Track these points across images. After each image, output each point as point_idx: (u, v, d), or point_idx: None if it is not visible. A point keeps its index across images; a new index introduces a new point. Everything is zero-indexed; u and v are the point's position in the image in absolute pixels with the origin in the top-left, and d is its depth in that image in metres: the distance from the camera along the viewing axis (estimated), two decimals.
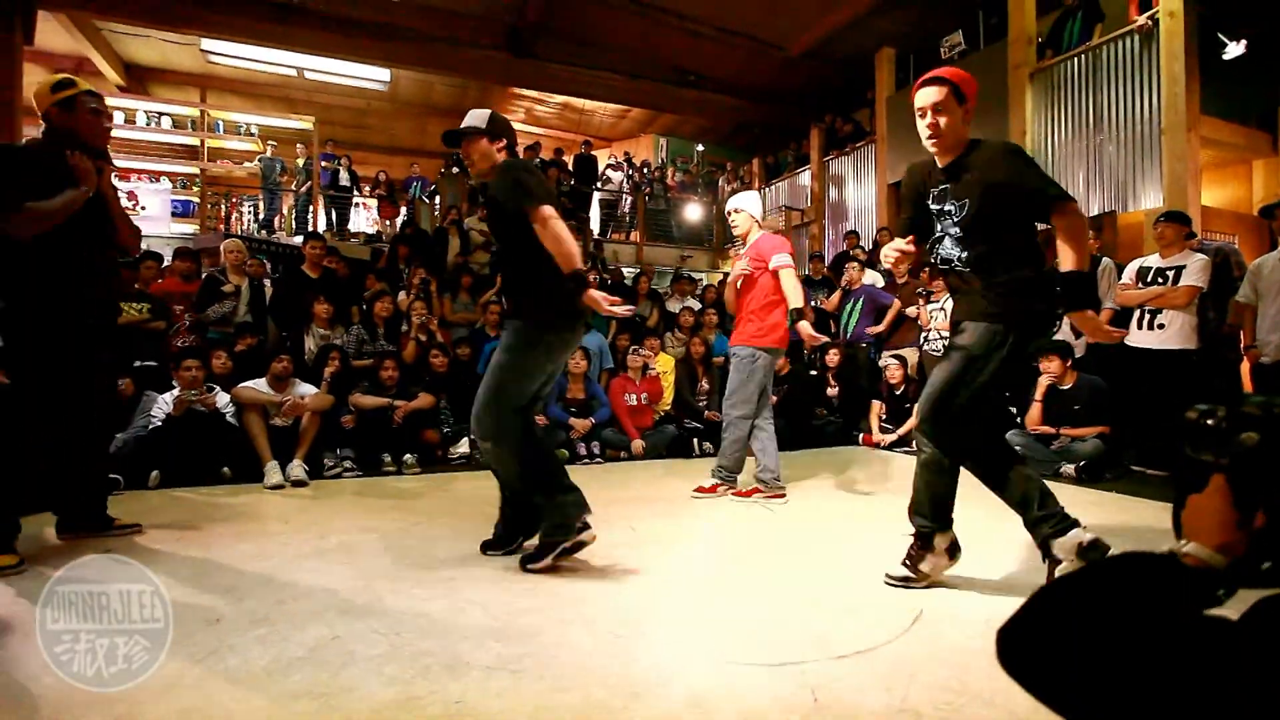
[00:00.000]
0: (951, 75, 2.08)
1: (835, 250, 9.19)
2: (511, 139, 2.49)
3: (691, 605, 2.03)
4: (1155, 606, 0.63)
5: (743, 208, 3.71)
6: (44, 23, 7.53)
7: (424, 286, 5.91)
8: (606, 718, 1.37)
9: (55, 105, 2.43)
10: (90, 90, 2.51)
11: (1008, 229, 2.03)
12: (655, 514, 3.20)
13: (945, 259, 2.14)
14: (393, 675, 1.54)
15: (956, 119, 2.05)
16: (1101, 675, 0.59)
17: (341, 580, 2.20)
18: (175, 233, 9.40)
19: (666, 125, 13.78)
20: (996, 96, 7.22)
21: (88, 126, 2.46)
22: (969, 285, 2.10)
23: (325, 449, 4.21)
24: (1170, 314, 4.12)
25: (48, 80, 2.50)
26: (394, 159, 13.40)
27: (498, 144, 2.43)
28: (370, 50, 8.81)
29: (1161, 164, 5.62)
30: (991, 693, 1.47)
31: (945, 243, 2.12)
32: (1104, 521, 3.01)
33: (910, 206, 2.27)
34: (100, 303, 2.63)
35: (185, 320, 4.83)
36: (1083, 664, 0.61)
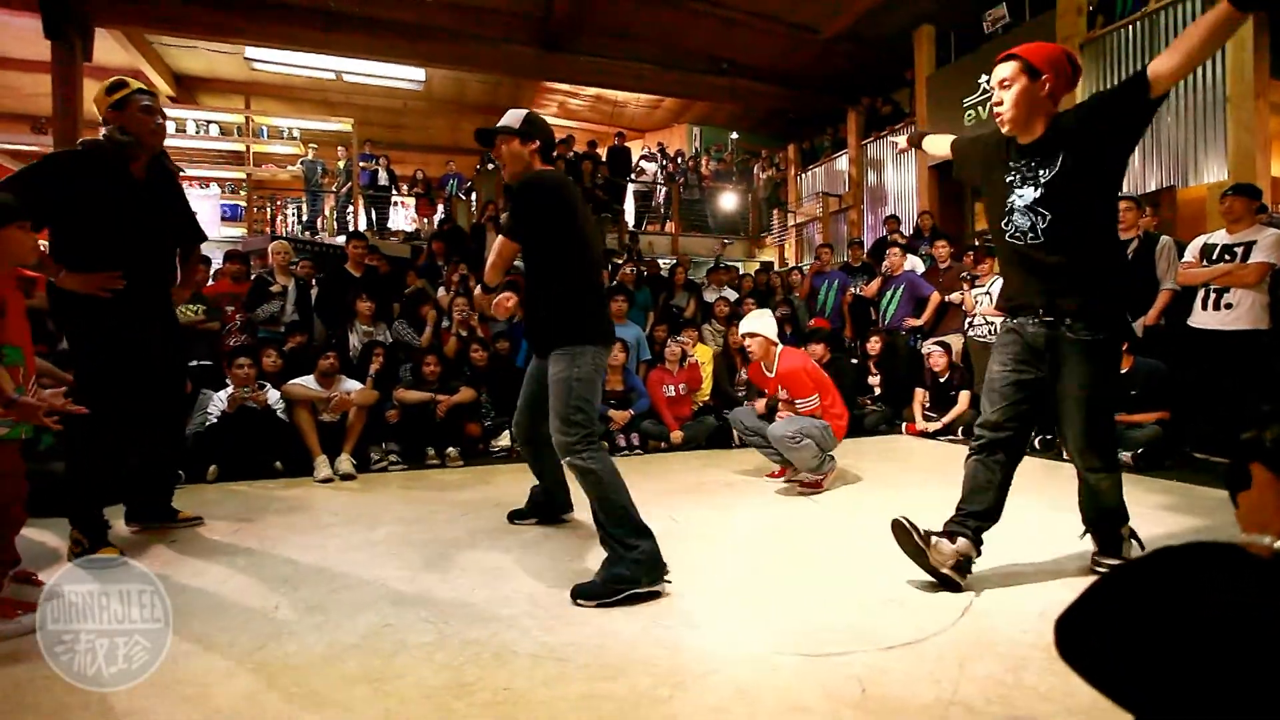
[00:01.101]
0: (1024, 50, 1.99)
1: (874, 236, 8.99)
2: (546, 140, 2.42)
3: (735, 596, 2.02)
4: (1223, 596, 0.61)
5: (758, 331, 3.62)
6: (100, 40, 7.88)
7: (463, 283, 6.00)
8: (653, 707, 1.38)
9: (111, 108, 2.47)
10: (143, 89, 2.52)
11: (1093, 194, 1.95)
12: (696, 505, 3.20)
13: (1017, 233, 2.04)
14: (443, 662, 1.58)
15: (1028, 93, 1.96)
16: (1166, 666, 0.57)
17: (391, 570, 2.26)
18: (224, 236, 9.76)
19: (700, 114, 13.66)
20: None
21: (139, 125, 2.48)
22: (1042, 259, 1.99)
23: (371, 443, 4.33)
24: (1239, 293, 3.90)
25: (103, 84, 2.54)
26: (430, 157, 13.62)
27: (530, 145, 2.36)
28: (405, 50, 8.95)
29: (1226, 134, 5.32)
30: (1047, 686, 1.42)
31: (1015, 216, 2.03)
32: (1164, 510, 2.89)
33: (968, 146, 2.27)
34: (163, 306, 2.69)
35: (236, 320, 5.02)
36: (1147, 654, 0.59)
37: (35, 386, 1.97)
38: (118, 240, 2.46)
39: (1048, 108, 1.99)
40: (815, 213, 11.29)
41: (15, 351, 1.88)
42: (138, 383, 2.51)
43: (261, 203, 11.27)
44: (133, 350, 2.50)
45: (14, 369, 1.86)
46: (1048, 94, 1.97)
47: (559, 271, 2.28)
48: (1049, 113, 2.00)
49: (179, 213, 2.76)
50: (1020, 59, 1.97)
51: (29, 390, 1.90)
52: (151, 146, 2.56)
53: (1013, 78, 1.97)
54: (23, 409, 1.77)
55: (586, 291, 2.31)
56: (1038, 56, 1.97)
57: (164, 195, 2.66)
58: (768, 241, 12.30)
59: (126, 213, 2.48)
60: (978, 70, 7.85)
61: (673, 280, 7.07)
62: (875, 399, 5.72)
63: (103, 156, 2.47)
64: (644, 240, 10.62)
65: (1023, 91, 1.96)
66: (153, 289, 2.60)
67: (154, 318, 2.60)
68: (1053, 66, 1.96)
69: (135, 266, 2.50)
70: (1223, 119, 5.37)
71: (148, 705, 1.39)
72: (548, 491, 2.87)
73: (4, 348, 1.84)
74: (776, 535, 2.72)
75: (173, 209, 2.72)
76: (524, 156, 2.38)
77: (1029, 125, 2.00)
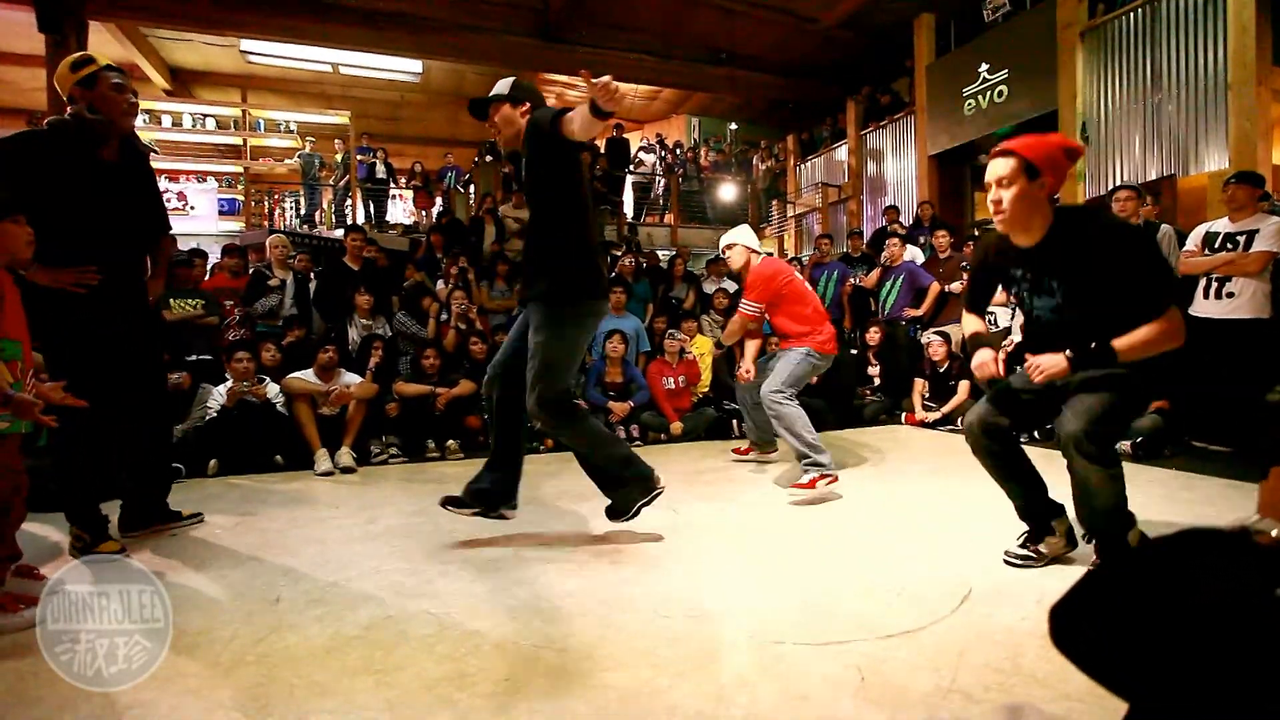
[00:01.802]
0: (1022, 147, 1.88)
1: (874, 226, 8.97)
2: (536, 102, 2.42)
3: (735, 586, 2.03)
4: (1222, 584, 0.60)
5: (735, 240, 3.63)
6: (95, 34, 7.84)
7: (462, 275, 5.99)
8: (654, 697, 1.39)
9: (77, 84, 2.31)
10: (111, 65, 2.37)
11: (1112, 302, 1.86)
12: (696, 496, 3.20)
13: (1033, 328, 2.03)
14: (444, 654, 1.59)
15: (1028, 194, 1.87)
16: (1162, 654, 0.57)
17: (392, 562, 2.27)
18: (222, 230, 9.75)
19: (699, 105, 13.60)
20: (1045, 60, 6.90)
21: (110, 104, 2.32)
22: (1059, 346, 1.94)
23: (371, 436, 4.34)
24: (1240, 281, 3.89)
25: (67, 60, 2.36)
26: (428, 150, 13.58)
27: (520, 108, 2.39)
28: (402, 42, 8.91)
29: (1227, 122, 5.30)
30: (1044, 673, 1.43)
31: (1033, 314, 2.04)
32: (1163, 499, 2.90)
33: (980, 278, 2.21)
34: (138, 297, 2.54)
35: (235, 314, 5.01)
36: (1141, 641, 0.58)
37: (34, 380, 1.95)
38: (88, 228, 2.32)
39: (1046, 207, 1.91)
40: (814, 203, 11.27)
41: (13, 346, 1.87)
42: (116, 377, 2.39)
43: (259, 196, 11.23)
44: (107, 344, 2.37)
45: (12, 363, 1.84)
46: (1047, 194, 1.89)
47: (563, 221, 2.32)
48: (1046, 215, 1.91)
49: (149, 197, 2.59)
50: (1019, 156, 1.86)
51: (27, 384, 1.88)
52: (123, 128, 2.40)
53: (1011, 177, 1.87)
54: (19, 406, 1.76)
55: (586, 247, 2.35)
56: (1037, 153, 1.86)
57: (136, 179, 2.50)
58: (767, 233, 12.27)
59: (98, 198, 2.33)
60: (978, 59, 7.80)
61: (672, 272, 7.06)
62: (875, 389, 5.72)
63: (70, 136, 2.30)
64: (643, 232, 10.60)
65: (1021, 192, 1.87)
66: (126, 279, 2.46)
67: (129, 310, 2.46)
68: (1052, 164, 1.87)
69: (107, 256, 2.34)
70: (1224, 106, 5.34)
71: (151, 698, 1.40)
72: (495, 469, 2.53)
73: (1, 341, 1.83)
74: (776, 525, 2.73)
75: (144, 193, 2.55)
76: (516, 120, 2.39)
77: (1028, 226, 1.93)
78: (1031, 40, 7.13)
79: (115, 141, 2.41)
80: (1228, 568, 0.62)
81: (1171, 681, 0.57)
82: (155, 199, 2.63)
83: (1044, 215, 1.92)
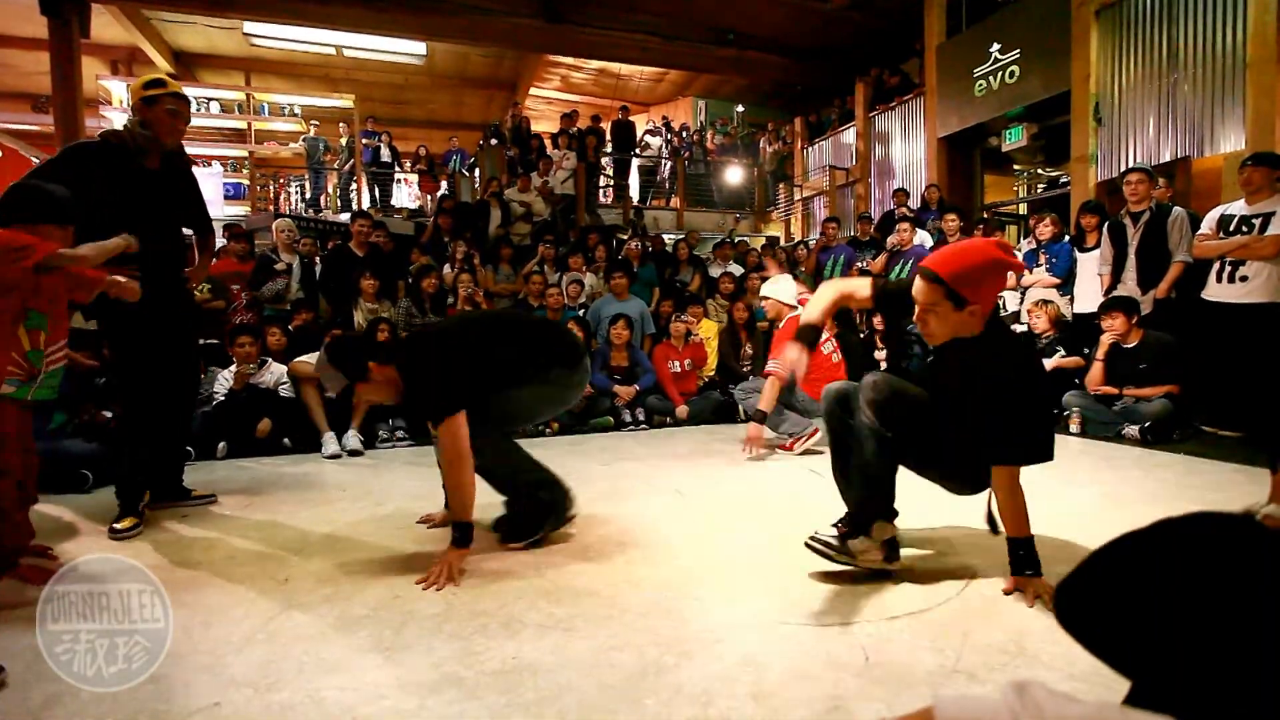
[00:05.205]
0: (947, 274, 1.69)
1: (882, 209, 8.88)
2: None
3: (740, 567, 2.03)
4: (1229, 566, 0.60)
5: (769, 295, 3.96)
6: (98, 16, 7.80)
7: (468, 259, 5.98)
8: (659, 676, 1.40)
9: (141, 100, 2.59)
10: (176, 93, 2.64)
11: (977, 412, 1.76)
12: (701, 478, 3.21)
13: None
14: (452, 632, 1.60)
15: (954, 320, 1.74)
16: (1168, 635, 0.57)
17: (399, 543, 2.29)
18: (228, 215, 9.74)
19: (705, 87, 13.45)
20: (1058, 39, 6.78)
21: (160, 124, 2.60)
22: None
23: (378, 420, 4.35)
24: (1255, 265, 3.83)
25: (144, 77, 2.71)
26: (433, 133, 13.52)
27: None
28: (406, 23, 8.82)
29: (1245, 102, 5.19)
30: (1049, 655, 1.43)
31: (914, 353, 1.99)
32: (1171, 484, 2.89)
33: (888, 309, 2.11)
34: (178, 290, 2.77)
35: (242, 299, 5.02)
36: (1149, 623, 0.58)
37: (56, 352, 2.04)
38: (129, 227, 2.48)
39: (978, 325, 1.75)
40: (822, 186, 11.15)
41: (39, 316, 1.98)
42: (161, 359, 2.63)
43: (264, 180, 11.23)
44: (152, 336, 2.59)
45: (35, 332, 1.96)
46: (980, 317, 1.73)
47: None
48: (969, 334, 1.77)
49: (191, 203, 2.85)
50: (944, 285, 1.70)
51: (47, 354, 2.00)
52: (166, 145, 2.66)
53: (937, 302, 1.72)
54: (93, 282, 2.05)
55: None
56: (966, 282, 1.68)
57: (177, 185, 2.76)
58: (774, 216, 12.18)
59: (138, 201, 2.56)
60: (989, 40, 7.66)
61: (677, 255, 7.02)
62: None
63: (115, 148, 2.56)
64: (649, 215, 10.54)
65: (947, 320, 1.75)
66: (164, 271, 2.67)
67: (169, 303, 2.66)
68: (980, 293, 1.69)
69: (148, 253, 2.54)
70: (1242, 86, 5.23)
71: (165, 674, 1.42)
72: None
73: (30, 312, 1.95)
74: (781, 507, 2.73)
75: (185, 198, 2.80)
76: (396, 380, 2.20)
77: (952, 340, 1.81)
78: (1045, 19, 6.99)
79: (158, 154, 2.66)
80: (1232, 551, 0.61)
81: (1177, 662, 0.57)
82: (198, 204, 2.90)
83: (968, 334, 1.77)
